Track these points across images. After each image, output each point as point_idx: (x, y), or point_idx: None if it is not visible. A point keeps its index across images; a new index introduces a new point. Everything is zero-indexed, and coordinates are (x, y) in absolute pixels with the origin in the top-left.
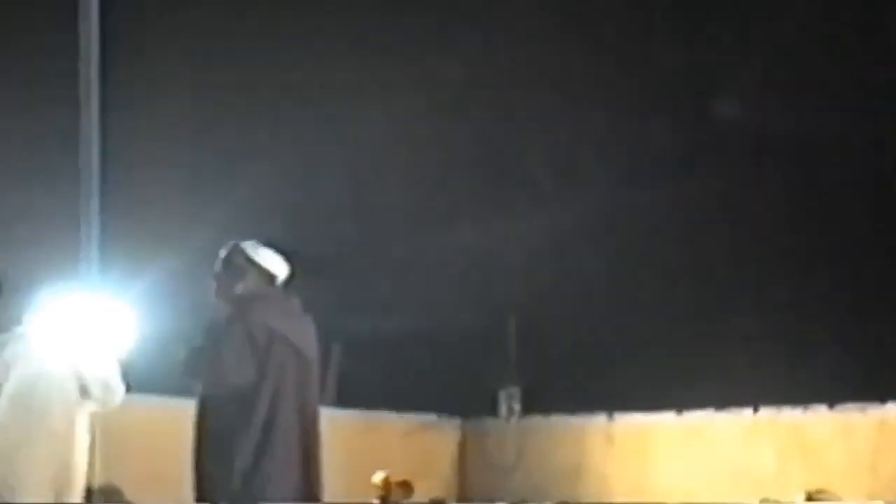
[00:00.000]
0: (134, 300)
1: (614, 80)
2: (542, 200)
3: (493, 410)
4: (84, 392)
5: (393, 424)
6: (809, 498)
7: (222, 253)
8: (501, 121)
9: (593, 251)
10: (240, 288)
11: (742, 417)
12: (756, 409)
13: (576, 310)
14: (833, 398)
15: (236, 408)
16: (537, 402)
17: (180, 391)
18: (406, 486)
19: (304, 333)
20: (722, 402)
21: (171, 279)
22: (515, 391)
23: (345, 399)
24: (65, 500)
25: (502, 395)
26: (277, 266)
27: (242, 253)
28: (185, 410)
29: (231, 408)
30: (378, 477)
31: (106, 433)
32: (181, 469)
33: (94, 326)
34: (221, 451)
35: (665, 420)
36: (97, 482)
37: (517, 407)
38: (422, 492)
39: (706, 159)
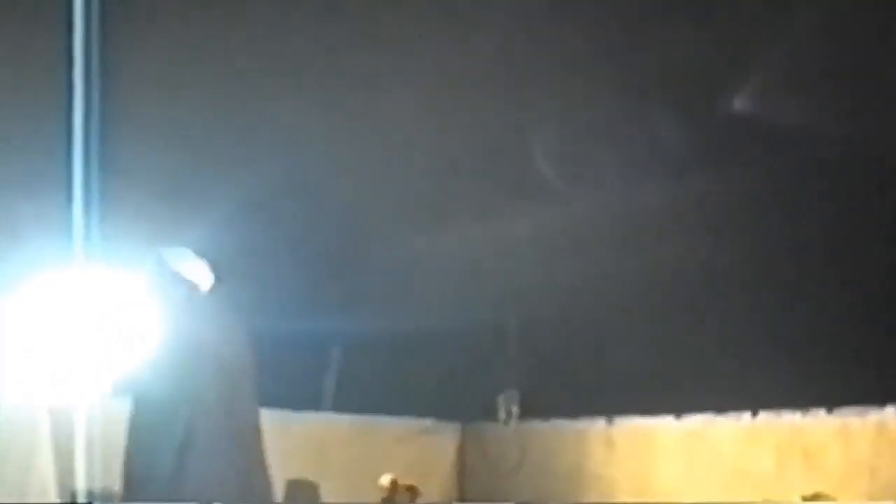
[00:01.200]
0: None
1: (622, 74)
2: (543, 202)
3: (491, 414)
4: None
5: (391, 429)
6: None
7: (146, 265)
8: (503, 120)
9: (593, 254)
10: (166, 298)
11: (741, 421)
12: (755, 413)
13: (575, 313)
14: (832, 402)
15: (159, 414)
16: (536, 406)
17: None
18: (412, 490)
19: (229, 341)
20: (721, 405)
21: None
22: (514, 395)
23: (342, 403)
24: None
25: (501, 399)
26: (199, 275)
27: (165, 263)
28: None
29: (155, 414)
30: (385, 479)
31: (105, 436)
32: None
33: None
34: (146, 454)
35: (665, 424)
36: (96, 485)
37: (516, 411)
38: (421, 496)
39: (709, 160)
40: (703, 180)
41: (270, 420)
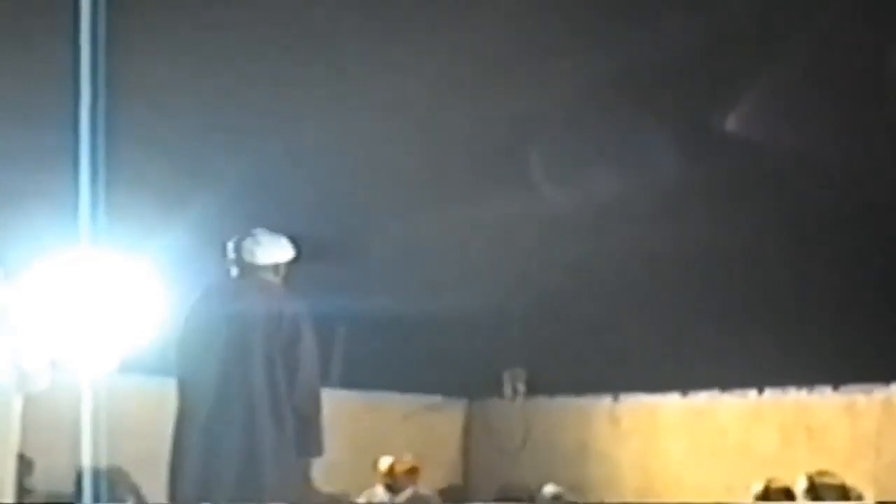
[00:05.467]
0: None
1: (626, 58)
2: (549, 181)
3: (497, 391)
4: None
5: (397, 405)
6: (811, 482)
7: (228, 252)
8: (510, 99)
9: (599, 232)
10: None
11: (747, 399)
12: (761, 391)
13: (582, 291)
14: (838, 379)
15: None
16: (542, 383)
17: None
18: (413, 472)
19: (251, 318)
20: (726, 383)
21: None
22: (520, 372)
23: (349, 380)
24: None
25: (507, 376)
26: (279, 252)
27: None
28: None
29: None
30: (384, 463)
31: (112, 415)
32: None
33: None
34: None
35: (670, 401)
36: (103, 464)
37: (522, 388)
38: (427, 472)
39: (712, 144)
40: (708, 165)
41: None
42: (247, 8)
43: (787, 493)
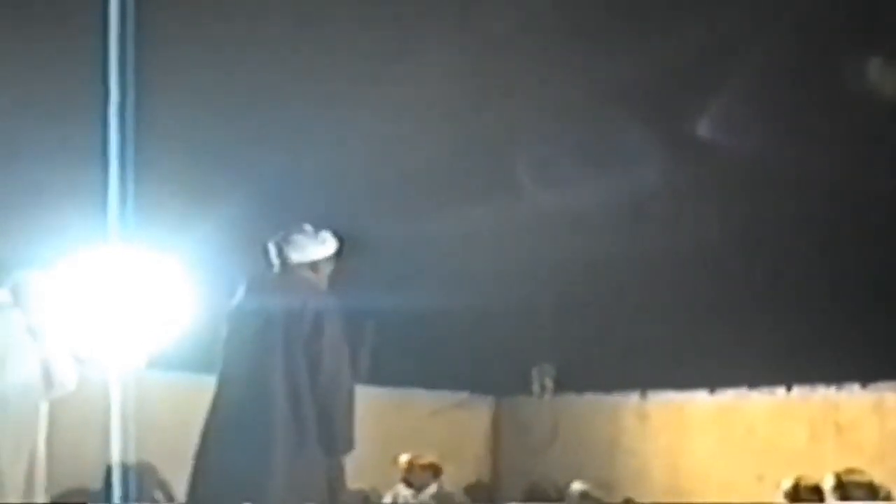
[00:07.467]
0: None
1: (634, 51)
2: (577, 177)
3: (525, 388)
4: (48, 381)
5: (425, 402)
6: (839, 480)
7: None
8: (536, 95)
9: (627, 228)
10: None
11: (775, 396)
12: (789, 388)
13: (609, 287)
14: (866, 377)
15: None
16: (570, 380)
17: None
18: (434, 468)
19: (274, 314)
20: (755, 380)
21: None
22: (548, 368)
23: (377, 376)
24: (34, 500)
25: (535, 373)
26: (321, 248)
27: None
28: None
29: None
30: (403, 458)
31: (140, 410)
32: None
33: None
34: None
35: (698, 398)
36: (132, 460)
37: (550, 384)
38: (455, 469)
39: (721, 144)
40: (736, 158)
41: None
42: (273, 6)
43: (817, 491)
